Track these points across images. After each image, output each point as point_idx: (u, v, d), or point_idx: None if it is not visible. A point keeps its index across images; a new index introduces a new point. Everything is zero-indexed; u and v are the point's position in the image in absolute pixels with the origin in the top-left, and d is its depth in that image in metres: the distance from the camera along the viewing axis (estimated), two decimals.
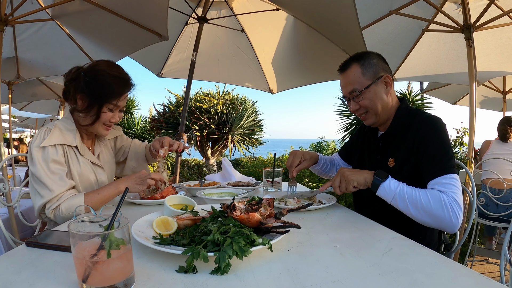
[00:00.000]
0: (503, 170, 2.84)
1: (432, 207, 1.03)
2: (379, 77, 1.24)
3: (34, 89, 5.32)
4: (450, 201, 1.02)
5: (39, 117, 8.35)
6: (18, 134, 13.60)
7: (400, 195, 1.08)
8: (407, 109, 1.29)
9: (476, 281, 0.62)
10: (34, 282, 0.63)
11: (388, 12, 2.88)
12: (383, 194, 1.11)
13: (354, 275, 0.65)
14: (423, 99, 7.11)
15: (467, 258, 2.62)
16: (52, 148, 1.24)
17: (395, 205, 1.10)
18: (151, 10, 2.38)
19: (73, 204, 1.20)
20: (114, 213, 0.63)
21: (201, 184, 1.69)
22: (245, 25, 3.38)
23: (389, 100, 1.28)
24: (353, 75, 1.26)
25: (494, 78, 4.52)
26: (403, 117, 1.26)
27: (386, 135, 1.31)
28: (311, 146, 8.26)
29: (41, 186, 1.21)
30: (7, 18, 2.47)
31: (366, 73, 1.24)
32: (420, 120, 1.21)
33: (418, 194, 1.06)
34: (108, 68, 1.30)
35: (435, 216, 1.03)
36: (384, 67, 1.27)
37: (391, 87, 1.27)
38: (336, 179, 1.18)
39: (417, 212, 1.06)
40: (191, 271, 0.66)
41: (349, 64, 1.28)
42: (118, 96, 1.30)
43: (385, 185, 1.10)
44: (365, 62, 1.25)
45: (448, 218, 1.02)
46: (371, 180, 1.13)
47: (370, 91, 1.25)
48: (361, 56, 1.27)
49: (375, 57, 1.28)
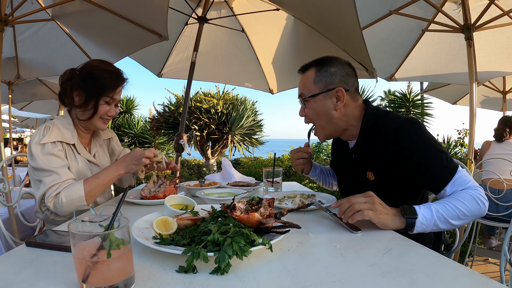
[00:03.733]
0: (503, 170, 2.84)
1: (469, 208, 0.99)
2: (330, 88, 1.16)
3: (34, 89, 5.32)
4: (478, 192, 1.01)
5: (39, 117, 8.35)
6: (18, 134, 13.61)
7: (439, 218, 0.97)
8: (374, 114, 1.19)
9: (476, 281, 0.62)
10: (34, 282, 0.63)
11: (388, 12, 2.88)
12: (422, 229, 0.97)
13: (354, 275, 0.65)
14: (423, 99, 7.12)
15: (467, 258, 2.62)
16: (52, 144, 1.27)
17: (436, 230, 1.00)
18: (151, 10, 2.38)
19: (72, 190, 1.21)
20: (114, 213, 0.63)
21: (201, 184, 1.69)
22: (245, 25, 3.38)
23: (338, 115, 1.18)
24: (306, 79, 1.21)
25: (494, 78, 4.51)
26: (372, 126, 1.17)
27: (357, 147, 1.23)
28: (311, 146, 8.26)
29: (42, 175, 1.23)
30: (7, 18, 2.47)
31: (318, 81, 1.18)
32: (396, 128, 1.11)
33: (453, 205, 0.99)
34: (101, 64, 1.37)
35: (474, 213, 1.00)
36: (341, 79, 1.18)
37: (342, 102, 1.17)
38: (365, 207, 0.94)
39: (460, 222, 1.00)
40: (191, 271, 0.66)
41: (308, 67, 1.23)
42: (114, 88, 1.35)
43: (421, 220, 0.95)
44: (322, 69, 1.19)
45: (483, 207, 1.01)
46: (404, 223, 0.95)
47: (315, 101, 1.18)
48: (322, 61, 1.21)
49: (337, 65, 1.20)
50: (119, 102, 1.42)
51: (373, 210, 0.94)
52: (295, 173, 6.58)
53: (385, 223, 0.94)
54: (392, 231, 0.95)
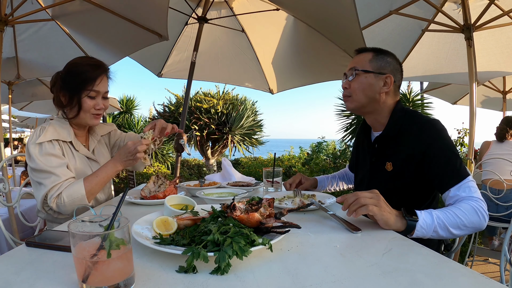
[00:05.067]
0: (503, 170, 2.84)
1: (470, 219, 1.00)
2: (382, 72, 1.24)
3: (34, 89, 5.31)
4: (479, 204, 1.02)
5: (39, 117, 8.34)
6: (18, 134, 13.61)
7: (440, 224, 0.98)
8: (403, 110, 1.27)
9: (476, 281, 0.62)
10: (34, 282, 0.63)
11: (388, 12, 2.88)
12: (421, 234, 0.98)
13: (354, 275, 0.65)
14: (423, 99, 7.11)
15: (467, 258, 2.62)
16: (49, 143, 1.28)
17: (435, 237, 1.01)
18: (151, 10, 2.38)
19: (73, 190, 1.22)
20: (114, 213, 0.63)
21: (201, 184, 1.69)
22: (245, 25, 3.38)
23: (380, 98, 1.26)
24: (362, 57, 1.29)
25: (494, 78, 4.52)
26: (400, 119, 1.24)
27: (382, 137, 1.28)
28: (311, 146, 8.25)
29: (42, 177, 1.24)
30: (7, 18, 2.47)
31: (374, 62, 1.26)
32: (421, 125, 1.18)
33: (454, 214, 1.00)
34: (80, 60, 1.38)
35: (474, 225, 1.02)
36: (393, 70, 1.27)
37: (389, 88, 1.25)
38: (370, 202, 0.96)
39: (459, 232, 1.01)
40: (191, 271, 0.66)
41: (366, 50, 1.32)
42: (93, 81, 1.34)
43: (421, 224, 0.96)
44: (380, 55, 1.27)
45: (483, 221, 1.02)
46: (404, 224, 0.96)
47: (366, 77, 1.25)
48: (380, 49, 1.30)
49: (392, 57, 1.29)
50: (106, 93, 1.40)
51: (378, 206, 0.95)
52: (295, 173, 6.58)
53: (388, 221, 0.94)
54: (392, 231, 0.95)
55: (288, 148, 9.00)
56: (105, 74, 1.38)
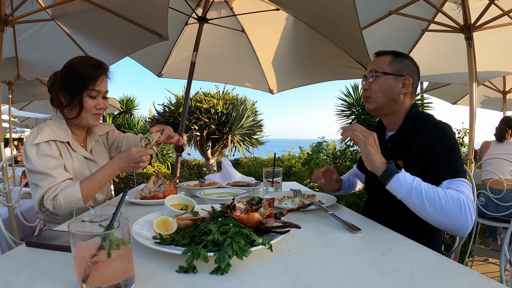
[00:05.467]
0: (503, 170, 2.83)
1: (450, 206, 0.98)
2: (401, 74, 1.28)
3: (34, 89, 5.31)
4: (468, 202, 0.99)
5: (39, 117, 8.33)
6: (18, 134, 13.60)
7: (417, 189, 0.99)
8: (417, 112, 1.30)
9: (476, 281, 0.62)
10: (34, 282, 0.63)
11: (388, 12, 2.88)
12: (396, 187, 1.00)
13: (354, 275, 0.65)
14: (423, 99, 7.10)
15: (467, 258, 2.62)
16: (46, 144, 1.28)
17: (407, 201, 1.02)
18: (151, 10, 2.38)
19: (69, 192, 1.22)
20: (114, 213, 0.63)
21: (201, 184, 1.69)
22: (245, 25, 3.38)
23: (399, 99, 1.29)
24: (382, 60, 1.32)
25: (494, 78, 4.51)
26: (414, 120, 1.27)
27: (395, 136, 1.31)
28: (311, 146, 8.25)
29: (38, 178, 1.24)
30: (7, 18, 2.47)
31: (393, 64, 1.29)
32: (431, 125, 1.21)
33: (436, 191, 1.00)
34: (80, 60, 1.37)
35: (452, 217, 0.98)
36: (411, 72, 1.30)
37: (407, 90, 1.28)
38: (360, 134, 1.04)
39: (433, 210, 0.98)
40: (191, 271, 0.66)
41: (385, 53, 1.35)
42: (94, 80, 1.34)
43: (399, 176, 1.00)
44: (398, 58, 1.30)
45: (465, 220, 0.98)
46: (384, 168, 1.02)
47: (385, 79, 1.28)
48: (399, 53, 1.33)
49: (410, 60, 1.32)
50: (106, 93, 1.40)
51: (366, 138, 1.03)
52: (295, 173, 6.58)
53: (369, 155, 1.02)
54: (392, 231, 0.95)
55: (288, 148, 9.00)
56: (105, 74, 1.39)
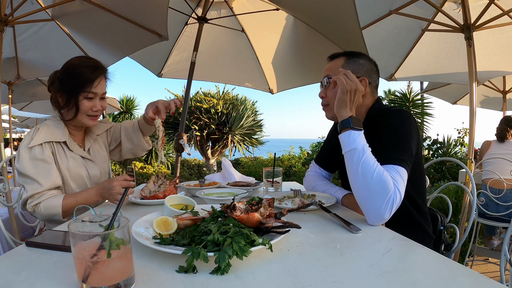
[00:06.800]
0: (503, 170, 2.83)
1: (377, 186, 0.97)
2: (356, 76, 1.20)
3: (34, 89, 5.32)
4: (394, 199, 0.97)
5: (39, 117, 8.34)
6: (18, 134, 13.60)
7: (359, 153, 1.00)
8: (379, 108, 1.26)
9: (476, 281, 0.62)
10: (34, 282, 0.63)
11: (388, 12, 2.88)
12: (345, 140, 1.05)
13: (354, 275, 0.65)
14: (423, 98, 7.12)
15: (467, 258, 2.62)
16: (39, 147, 1.28)
17: (347, 159, 1.04)
18: (151, 10, 2.38)
19: (51, 205, 1.23)
20: (114, 213, 0.63)
21: (201, 184, 1.69)
22: (245, 25, 3.38)
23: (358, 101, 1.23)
24: (335, 64, 1.29)
25: (494, 78, 4.51)
26: (374, 118, 1.23)
27: None
28: (311, 146, 8.25)
29: (26, 182, 1.26)
30: (7, 18, 2.47)
31: (346, 67, 1.23)
32: (387, 114, 1.18)
33: (375, 166, 0.99)
34: (78, 61, 1.36)
35: (373, 197, 0.97)
36: (367, 71, 1.26)
37: (365, 91, 1.23)
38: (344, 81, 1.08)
39: (362, 182, 0.99)
40: (191, 271, 0.66)
41: (338, 55, 1.32)
42: (91, 82, 1.33)
43: (352, 133, 1.03)
44: (352, 59, 1.27)
45: (383, 208, 0.96)
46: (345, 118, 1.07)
47: None
48: (352, 53, 1.30)
49: (364, 58, 1.28)
50: (104, 94, 1.40)
51: (347, 86, 1.08)
52: (295, 173, 6.58)
53: (341, 101, 1.10)
54: (392, 231, 0.95)
55: (288, 148, 9.00)
56: (103, 76, 1.38)
